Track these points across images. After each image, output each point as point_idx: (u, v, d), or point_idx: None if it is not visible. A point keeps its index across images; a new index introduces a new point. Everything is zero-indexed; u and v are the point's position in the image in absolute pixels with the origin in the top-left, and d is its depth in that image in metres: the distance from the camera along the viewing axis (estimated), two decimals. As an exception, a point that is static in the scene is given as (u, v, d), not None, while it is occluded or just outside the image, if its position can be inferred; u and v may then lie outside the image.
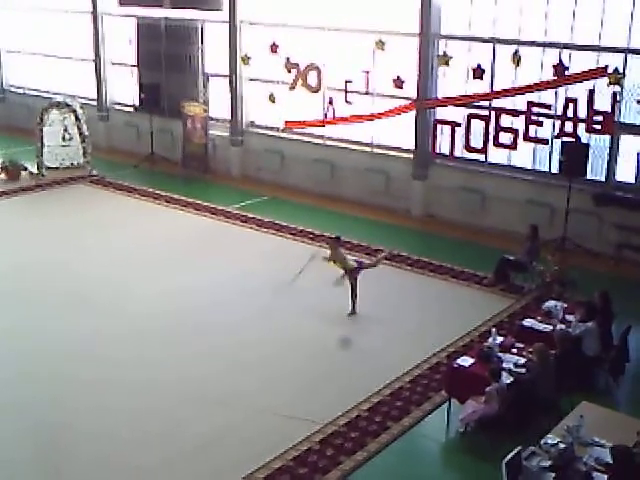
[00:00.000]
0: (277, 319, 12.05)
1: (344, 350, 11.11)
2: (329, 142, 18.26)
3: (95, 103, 22.59)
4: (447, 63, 15.73)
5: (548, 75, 14.73)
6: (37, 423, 9.35)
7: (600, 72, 14.02)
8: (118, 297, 12.80)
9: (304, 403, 9.77)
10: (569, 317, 10.59)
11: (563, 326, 10.25)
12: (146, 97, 20.48)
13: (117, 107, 22.57)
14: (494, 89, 15.50)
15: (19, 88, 25.41)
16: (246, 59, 18.78)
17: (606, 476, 7.26)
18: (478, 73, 15.35)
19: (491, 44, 15.48)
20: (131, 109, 21.99)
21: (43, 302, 12.60)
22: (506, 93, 15.25)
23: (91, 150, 19.88)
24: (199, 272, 13.79)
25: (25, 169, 19.61)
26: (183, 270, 13.86)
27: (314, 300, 12.63)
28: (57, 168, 19.69)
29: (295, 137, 18.72)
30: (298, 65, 17.65)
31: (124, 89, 22.25)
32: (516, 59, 14.83)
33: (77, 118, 19.57)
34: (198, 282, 13.34)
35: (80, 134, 19.65)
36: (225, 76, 19.57)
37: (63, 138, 19.73)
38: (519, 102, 15.14)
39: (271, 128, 19.19)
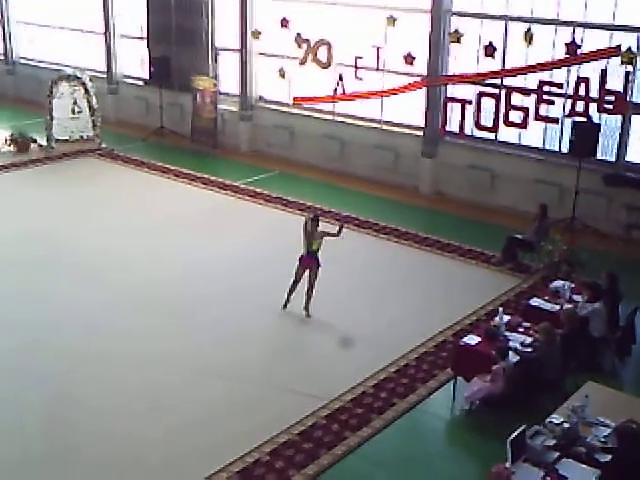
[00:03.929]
0: (282, 293, 12.02)
1: (350, 326, 11.13)
2: (339, 118, 18.19)
3: (105, 76, 22.52)
4: (458, 40, 15.61)
5: (560, 54, 14.61)
6: (40, 394, 9.45)
7: (613, 51, 13.90)
8: (123, 269, 12.87)
9: (310, 378, 9.83)
10: (576, 297, 10.59)
11: (570, 306, 10.26)
12: (156, 71, 20.40)
13: (127, 80, 22.51)
14: (505, 67, 15.40)
15: (29, 60, 25.35)
16: (257, 34, 18.68)
17: (610, 455, 7.30)
18: (490, 51, 15.23)
19: (503, 21, 15.36)
20: (141, 82, 21.92)
21: (48, 272, 12.71)
22: (518, 71, 15.15)
23: (100, 123, 19.84)
24: (205, 245, 13.83)
25: (34, 141, 19.61)
26: (189, 243, 13.90)
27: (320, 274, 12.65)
28: (66, 141, 19.64)
29: (305, 113, 18.64)
30: (308, 40, 17.55)
31: (134, 62, 22.17)
32: (528, 37, 14.71)
33: (87, 91, 19.51)
34: (204, 255, 13.41)
35: (89, 107, 19.60)
36: (235, 50, 19.49)
37: (72, 111, 19.65)
38: (530, 81, 15.05)
39: (281, 103, 19.14)
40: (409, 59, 16.32)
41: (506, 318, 9.95)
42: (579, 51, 14.36)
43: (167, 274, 12.68)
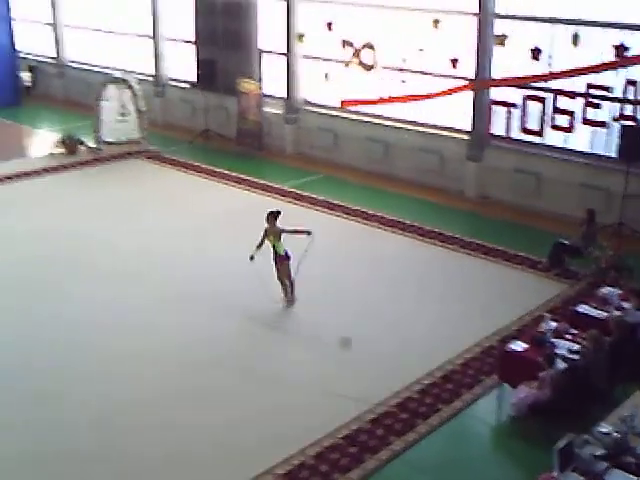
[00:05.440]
0: (314, 295, 12.01)
1: (393, 330, 11.12)
2: (383, 121, 18.19)
3: (151, 79, 22.83)
4: (502, 43, 15.54)
5: (609, 56, 14.44)
6: (82, 392, 9.65)
7: (663, 54, 13.72)
8: (161, 268, 13.08)
9: (354, 382, 9.84)
10: (625, 304, 10.46)
11: (619, 313, 10.14)
12: (202, 73, 20.60)
13: (173, 83, 22.77)
14: (552, 70, 15.27)
15: (78, 63, 25.78)
16: (301, 37, 18.76)
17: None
18: (535, 54, 15.13)
19: (549, 24, 15.22)
20: (187, 85, 22.15)
21: (85, 271, 12.97)
22: (565, 74, 14.99)
23: (147, 125, 20.11)
24: (245, 246, 13.77)
25: (82, 143, 19.93)
26: (231, 244, 13.88)
27: (355, 277, 12.70)
28: (114, 143, 19.93)
29: (349, 116, 18.68)
30: (353, 43, 17.59)
31: (180, 65, 22.42)
32: (575, 39, 14.56)
33: (134, 94, 19.81)
34: (243, 255, 13.30)
35: (137, 109, 19.89)
36: (278, 53, 19.60)
37: (120, 114, 19.95)
38: (577, 83, 14.89)
39: (325, 106, 19.20)
40: (454, 62, 16.27)
41: (553, 324, 9.88)
42: (628, 53, 14.19)
43: (207, 272, 12.83)
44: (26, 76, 26.40)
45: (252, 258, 11.40)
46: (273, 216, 11.53)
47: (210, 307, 11.74)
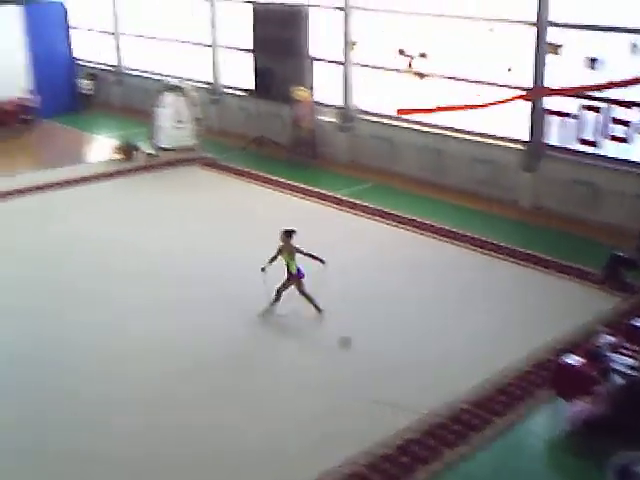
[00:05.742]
0: (354, 303, 12.04)
1: (444, 340, 11.09)
2: (438, 130, 18.15)
3: (207, 86, 23.13)
4: (556, 52, 15.40)
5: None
6: (132, 397, 9.75)
7: None
8: (207, 268, 13.27)
9: (405, 392, 9.81)
10: (683, 319, 10.30)
11: (677, 328, 9.98)
12: (259, 81, 20.80)
13: (229, 91, 23.03)
14: (610, 79, 15.07)
15: (137, 71, 26.27)
16: (353, 45, 18.86)
17: None
18: (592, 63, 14.96)
19: (606, 32, 15.03)
20: (242, 93, 22.39)
21: (128, 274, 13.15)
22: (625, 84, 14.75)
23: (203, 132, 20.36)
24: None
25: (139, 149, 20.27)
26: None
27: (397, 281, 12.73)
28: (170, 149, 20.22)
29: (404, 124, 18.68)
30: (408, 52, 17.61)
31: (236, 73, 22.68)
32: (634, 48, 14.37)
33: (190, 101, 20.08)
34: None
35: (192, 117, 20.15)
36: (332, 62, 19.69)
37: (177, 120, 20.25)
38: (636, 93, 14.68)
39: (380, 115, 19.23)
40: (509, 71, 16.20)
41: (609, 338, 9.74)
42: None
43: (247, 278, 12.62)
44: (87, 84, 26.95)
45: (263, 269, 11.38)
46: (287, 235, 11.48)
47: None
